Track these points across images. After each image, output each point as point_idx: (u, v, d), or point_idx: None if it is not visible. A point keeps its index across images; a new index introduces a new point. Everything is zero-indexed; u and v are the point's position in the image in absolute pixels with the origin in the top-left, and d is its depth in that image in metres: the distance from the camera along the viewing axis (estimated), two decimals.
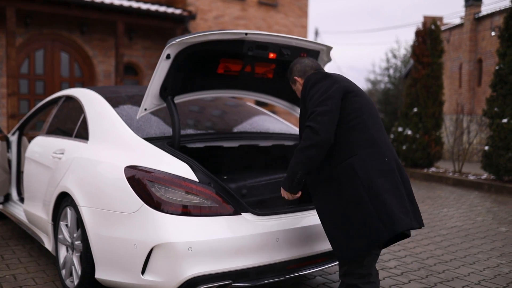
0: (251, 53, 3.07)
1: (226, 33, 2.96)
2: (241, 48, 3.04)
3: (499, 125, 8.49)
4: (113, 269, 2.90)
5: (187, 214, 2.70)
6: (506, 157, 8.35)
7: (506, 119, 8.39)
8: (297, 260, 2.95)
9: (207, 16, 13.17)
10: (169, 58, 2.99)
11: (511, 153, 8.28)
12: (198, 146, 3.29)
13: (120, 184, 2.87)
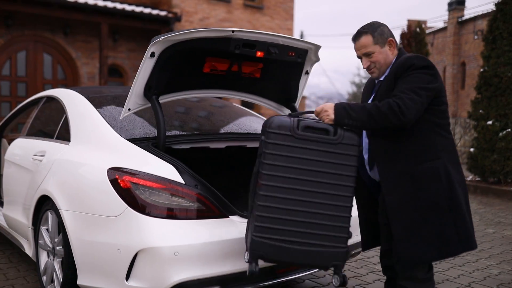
0: (238, 51, 2.99)
1: (212, 30, 2.88)
2: (228, 46, 2.96)
3: (484, 127, 8.54)
4: (96, 275, 2.79)
5: (173, 217, 2.61)
6: (491, 158, 8.39)
7: (491, 121, 8.44)
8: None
9: (193, 18, 13.09)
10: (154, 56, 2.90)
11: (496, 155, 8.33)
12: (184, 148, 3.20)
13: (103, 186, 2.76)
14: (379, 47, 2.53)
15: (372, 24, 2.57)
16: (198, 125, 3.55)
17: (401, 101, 2.30)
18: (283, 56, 3.19)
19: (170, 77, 3.09)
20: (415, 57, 2.43)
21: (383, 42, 2.53)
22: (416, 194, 2.40)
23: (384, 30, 2.55)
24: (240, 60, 3.27)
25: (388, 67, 2.56)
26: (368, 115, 2.33)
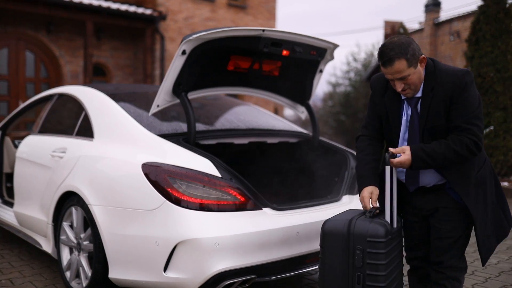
0: (267, 49, 3.10)
1: (244, 29, 2.98)
2: (257, 45, 3.06)
3: None
4: (130, 268, 2.85)
5: (211, 209, 2.70)
6: None
7: None
8: (315, 253, 2.99)
9: (177, 17, 13.08)
10: (185, 54, 2.98)
11: None
12: (211, 143, 3.28)
13: (138, 181, 2.83)
14: (413, 69, 2.34)
15: (401, 44, 2.33)
16: (220, 121, 3.64)
17: (476, 137, 2.33)
18: (306, 54, 3.31)
19: (198, 75, 3.17)
20: (465, 74, 2.38)
21: (416, 62, 2.34)
22: (483, 197, 2.48)
23: (415, 49, 2.35)
24: (261, 59, 3.37)
25: (421, 84, 2.43)
26: (443, 158, 2.34)
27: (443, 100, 2.37)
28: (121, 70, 12.99)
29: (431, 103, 2.39)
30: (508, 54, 8.53)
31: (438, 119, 2.39)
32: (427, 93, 2.40)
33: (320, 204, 3.19)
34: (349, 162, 3.59)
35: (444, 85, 2.37)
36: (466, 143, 2.32)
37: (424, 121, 2.43)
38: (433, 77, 2.39)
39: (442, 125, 2.39)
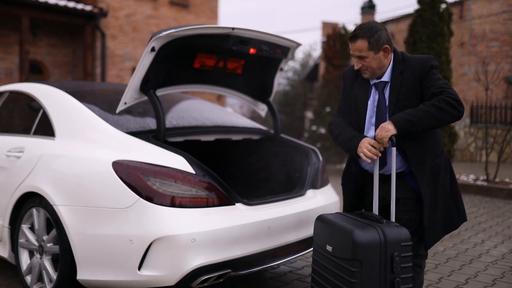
0: (235, 47, 3.14)
1: (214, 27, 3.01)
2: (227, 43, 3.10)
3: None
4: (101, 268, 2.80)
5: (186, 206, 2.71)
6: None
7: None
8: (285, 246, 3.08)
9: (119, 14, 12.78)
10: (154, 51, 2.96)
11: None
12: (178, 140, 3.28)
13: (108, 179, 2.79)
14: (373, 53, 2.51)
15: (370, 28, 2.52)
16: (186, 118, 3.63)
17: (453, 94, 2.43)
18: (271, 53, 3.38)
19: (166, 72, 3.16)
20: (431, 58, 2.57)
21: (378, 48, 2.51)
22: (434, 184, 2.60)
23: (382, 37, 2.51)
24: (226, 57, 3.41)
25: (383, 69, 2.58)
26: (429, 116, 2.41)
27: (413, 80, 2.53)
28: (59, 68, 12.51)
29: (401, 84, 2.54)
30: (443, 55, 9.06)
31: (409, 97, 2.53)
32: (396, 76, 2.56)
33: (287, 198, 3.28)
34: (311, 157, 3.70)
35: (413, 68, 2.55)
36: (445, 98, 2.42)
37: (394, 101, 2.55)
38: (402, 63, 2.58)
39: (413, 102, 2.52)
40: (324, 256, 2.52)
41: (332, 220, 2.51)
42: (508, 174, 9.72)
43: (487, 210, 6.61)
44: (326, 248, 2.50)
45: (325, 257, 2.51)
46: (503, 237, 5.11)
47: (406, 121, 2.42)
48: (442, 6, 9.17)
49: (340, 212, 2.68)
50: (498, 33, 14.78)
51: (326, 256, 2.50)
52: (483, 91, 9.13)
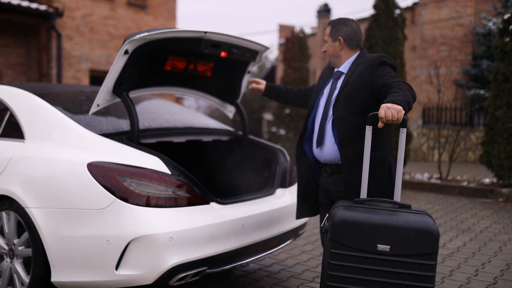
0: (207, 51, 3.22)
1: (187, 31, 3.07)
2: (199, 46, 3.17)
3: None
4: (77, 269, 2.81)
5: (163, 206, 2.76)
6: None
7: None
8: (258, 243, 3.18)
9: (75, 14, 12.52)
10: (127, 53, 3.00)
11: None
12: (151, 142, 3.32)
13: (83, 181, 2.80)
14: (331, 40, 2.87)
15: (339, 20, 2.90)
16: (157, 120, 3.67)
17: (403, 81, 2.55)
18: (241, 56, 3.48)
19: (139, 74, 3.20)
20: (385, 56, 2.77)
21: (335, 37, 2.85)
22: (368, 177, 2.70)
23: (342, 30, 2.83)
24: (196, 59, 3.49)
25: (340, 60, 2.85)
26: (411, 97, 2.47)
27: (364, 70, 2.73)
28: (12, 68, 12.13)
29: (352, 74, 2.78)
30: (398, 59, 9.40)
31: (355, 84, 2.73)
32: (352, 67, 2.81)
33: (258, 197, 3.39)
34: (279, 158, 3.83)
35: (366, 62, 2.77)
36: (401, 84, 2.51)
37: (343, 87, 2.77)
38: (362, 58, 2.83)
39: (358, 90, 2.71)
40: (372, 259, 2.23)
41: (369, 218, 2.26)
42: (459, 172, 10.21)
43: (441, 207, 6.95)
44: (377, 249, 2.21)
45: (375, 260, 2.23)
46: (457, 231, 5.40)
47: (403, 101, 2.37)
48: (396, 11, 9.53)
49: (353, 205, 2.40)
50: (447, 38, 15.46)
51: (377, 258, 2.22)
52: (435, 93, 9.56)
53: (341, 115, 2.74)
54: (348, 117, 2.72)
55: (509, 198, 7.31)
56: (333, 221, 2.30)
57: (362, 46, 2.91)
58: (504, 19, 7.65)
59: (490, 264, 4.17)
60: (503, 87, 7.53)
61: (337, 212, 2.33)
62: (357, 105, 2.72)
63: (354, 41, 2.85)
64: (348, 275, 2.25)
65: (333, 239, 2.27)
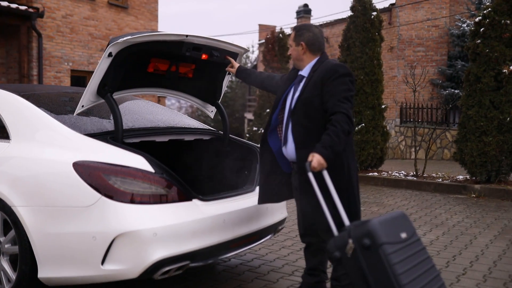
0: (188, 53, 3.34)
1: (169, 34, 3.19)
2: (180, 49, 3.29)
3: None
4: (63, 265, 2.91)
5: (147, 202, 2.88)
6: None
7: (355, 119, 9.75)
8: (239, 238, 3.32)
9: (55, 15, 12.48)
10: (111, 56, 3.10)
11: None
12: (135, 141, 3.43)
13: (69, 180, 2.90)
14: (294, 45, 3.09)
15: (303, 26, 3.13)
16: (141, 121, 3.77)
17: (346, 111, 2.80)
18: (221, 59, 3.61)
19: (123, 76, 3.31)
20: (339, 65, 2.95)
21: (298, 42, 3.08)
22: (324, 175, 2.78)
23: (304, 35, 3.05)
24: (178, 61, 3.60)
25: (303, 63, 3.07)
26: (343, 134, 2.77)
27: (318, 80, 2.93)
28: None
29: (310, 80, 2.98)
30: (374, 59, 9.64)
31: (310, 92, 2.94)
32: (310, 73, 3.02)
33: (239, 194, 3.52)
34: (258, 156, 3.96)
35: (321, 69, 2.97)
36: (342, 119, 2.77)
37: (301, 93, 2.98)
38: (320, 64, 3.02)
39: (313, 97, 2.92)
40: (402, 247, 2.48)
41: (383, 216, 2.58)
42: (435, 169, 10.49)
43: (416, 203, 7.18)
44: (401, 238, 2.50)
45: (403, 247, 2.49)
46: (431, 225, 5.62)
47: (328, 149, 2.72)
48: (373, 13, 9.76)
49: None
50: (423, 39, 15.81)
51: (404, 245, 2.50)
52: (411, 93, 9.82)
53: (298, 121, 2.98)
54: (304, 122, 2.95)
55: (481, 194, 7.59)
56: (369, 228, 2.45)
57: (323, 51, 3.11)
58: (476, 21, 7.92)
59: (460, 256, 4.38)
60: (475, 87, 7.81)
61: (365, 224, 2.48)
62: (312, 111, 2.93)
63: (315, 45, 3.07)
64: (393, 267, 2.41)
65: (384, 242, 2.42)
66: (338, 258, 2.51)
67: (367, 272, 2.42)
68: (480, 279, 3.77)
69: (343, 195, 2.81)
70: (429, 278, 2.56)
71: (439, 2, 15.65)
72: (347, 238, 2.50)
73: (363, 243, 2.44)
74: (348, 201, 2.89)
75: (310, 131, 2.93)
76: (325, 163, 2.70)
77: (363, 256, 2.44)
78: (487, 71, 7.68)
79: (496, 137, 7.59)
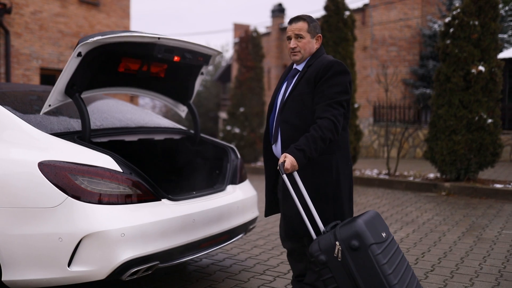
0: (160, 55, 3.29)
1: (141, 36, 3.13)
2: (152, 51, 3.24)
3: None
4: (28, 268, 2.84)
5: (115, 203, 2.83)
6: None
7: None
8: (209, 238, 3.30)
9: (24, 11, 12.20)
10: (80, 56, 3.04)
11: None
12: (103, 141, 3.37)
13: (34, 180, 2.83)
14: (310, 37, 2.84)
15: (310, 16, 2.91)
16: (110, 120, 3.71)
17: (335, 117, 2.64)
18: (194, 60, 3.58)
19: (92, 76, 3.25)
20: (335, 62, 2.76)
21: (314, 34, 2.86)
22: (311, 179, 2.73)
23: (317, 27, 2.88)
24: (149, 61, 3.56)
25: (307, 57, 2.87)
26: (321, 142, 2.62)
27: (311, 77, 2.76)
28: None
29: (303, 76, 2.81)
30: (348, 59, 9.73)
31: (302, 88, 2.78)
32: (304, 68, 2.84)
33: (209, 193, 3.50)
34: (229, 155, 3.95)
35: (316, 65, 2.79)
36: (327, 125, 2.62)
37: (293, 89, 2.82)
38: (315, 59, 2.85)
39: (304, 94, 2.76)
40: (385, 247, 2.51)
41: (363, 216, 2.59)
42: (406, 168, 10.66)
43: (388, 201, 7.27)
44: (383, 237, 2.53)
45: (386, 247, 2.51)
46: (401, 223, 5.70)
47: (303, 152, 2.59)
48: (346, 13, 9.85)
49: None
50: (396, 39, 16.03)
51: (386, 244, 2.52)
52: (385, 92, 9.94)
53: (286, 118, 2.80)
54: (293, 120, 2.78)
55: (451, 191, 7.74)
56: (357, 230, 2.46)
57: None
58: (446, 22, 8.07)
59: (429, 253, 4.45)
60: (445, 87, 7.95)
61: (351, 225, 2.48)
62: (303, 108, 2.76)
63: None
64: (387, 266, 2.46)
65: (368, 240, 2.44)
66: (324, 262, 2.45)
67: (356, 275, 2.39)
68: (448, 275, 3.84)
69: (328, 199, 2.71)
70: (409, 276, 2.58)
71: (411, 3, 15.89)
72: (334, 240, 2.45)
73: (352, 245, 2.41)
74: (333, 206, 2.76)
75: (299, 130, 2.74)
76: (297, 165, 2.59)
77: (351, 258, 2.41)
78: (456, 71, 7.83)
79: (465, 136, 7.74)
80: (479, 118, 7.69)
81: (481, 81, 7.65)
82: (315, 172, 2.73)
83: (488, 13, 7.73)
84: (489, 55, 7.75)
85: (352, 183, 2.92)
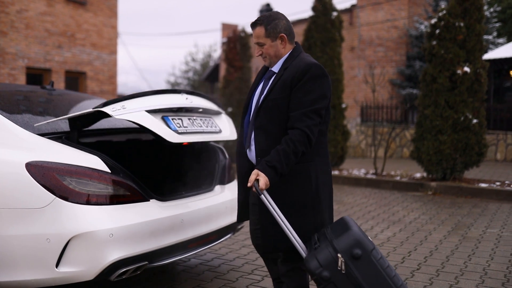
0: None
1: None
2: None
3: None
4: (15, 269, 2.82)
5: (103, 203, 2.83)
6: None
7: None
8: (197, 238, 3.30)
9: (9, 10, 12.09)
10: None
11: None
12: (91, 141, 3.37)
13: (21, 181, 2.81)
14: (270, 41, 2.61)
15: (269, 16, 2.63)
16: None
17: (309, 129, 2.49)
18: None
19: None
20: (313, 65, 2.55)
21: (274, 36, 2.61)
22: (287, 189, 2.58)
23: (279, 25, 2.60)
24: None
25: (280, 57, 2.66)
26: (293, 156, 2.49)
27: (287, 80, 2.56)
28: None
29: (279, 79, 2.60)
30: (335, 59, 9.79)
31: (278, 93, 2.58)
32: (281, 70, 2.63)
33: (197, 194, 3.51)
34: (218, 156, 3.96)
35: (292, 68, 2.58)
36: (300, 137, 2.48)
37: (268, 93, 2.61)
38: (292, 60, 2.64)
39: (280, 99, 2.57)
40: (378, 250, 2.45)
41: (350, 223, 2.51)
42: (394, 167, 10.75)
43: (375, 200, 7.34)
44: (371, 241, 2.49)
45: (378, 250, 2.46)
46: (388, 223, 5.75)
47: (274, 169, 2.47)
48: (334, 13, 9.91)
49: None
50: (383, 39, 16.15)
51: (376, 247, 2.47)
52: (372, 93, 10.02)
53: (261, 124, 2.63)
54: (267, 126, 2.61)
55: (437, 191, 7.83)
56: (356, 238, 2.40)
57: (295, 40, 2.72)
58: (432, 23, 8.16)
59: (415, 252, 4.50)
60: (431, 87, 8.04)
61: (348, 235, 2.42)
62: (278, 114, 2.59)
63: (292, 34, 2.69)
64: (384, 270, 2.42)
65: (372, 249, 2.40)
66: (328, 278, 2.36)
67: (364, 283, 2.34)
68: (434, 273, 3.89)
69: (308, 211, 2.59)
70: (399, 277, 2.57)
71: (398, 4, 16.03)
72: (334, 253, 2.36)
73: (354, 254, 2.35)
74: (313, 218, 2.62)
75: (274, 137, 2.57)
76: (269, 183, 2.47)
77: (355, 267, 2.34)
78: (442, 71, 7.92)
79: (451, 136, 7.84)
80: (465, 118, 7.79)
81: (466, 82, 7.75)
82: (293, 182, 2.58)
83: (473, 15, 7.84)
84: (474, 56, 7.86)
85: (332, 190, 2.76)
